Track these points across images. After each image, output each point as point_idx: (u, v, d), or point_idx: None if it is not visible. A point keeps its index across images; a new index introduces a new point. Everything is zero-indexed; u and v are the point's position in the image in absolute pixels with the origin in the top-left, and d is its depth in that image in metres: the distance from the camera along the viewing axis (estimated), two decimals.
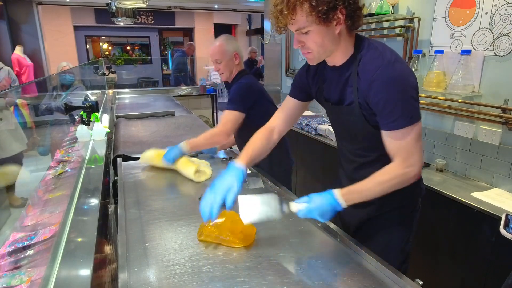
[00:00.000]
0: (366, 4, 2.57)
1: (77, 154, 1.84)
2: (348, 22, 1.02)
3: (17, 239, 1.02)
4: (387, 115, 1.01)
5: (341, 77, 1.12)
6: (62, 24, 9.38)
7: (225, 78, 1.94)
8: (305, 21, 0.99)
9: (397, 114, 0.99)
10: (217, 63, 1.86)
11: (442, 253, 1.89)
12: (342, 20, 1.00)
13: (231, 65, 1.88)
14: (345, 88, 1.11)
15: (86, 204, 1.22)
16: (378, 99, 1.00)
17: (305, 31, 1.01)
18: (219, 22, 11.03)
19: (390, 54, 1.03)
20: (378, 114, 1.03)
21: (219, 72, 1.92)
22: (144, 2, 3.49)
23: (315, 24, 0.98)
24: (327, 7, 0.95)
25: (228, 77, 1.93)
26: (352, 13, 1.01)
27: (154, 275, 0.94)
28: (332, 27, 1.01)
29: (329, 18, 0.97)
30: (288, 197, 1.45)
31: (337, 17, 0.99)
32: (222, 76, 1.93)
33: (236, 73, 1.92)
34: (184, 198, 1.47)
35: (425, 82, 2.08)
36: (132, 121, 3.07)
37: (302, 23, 0.99)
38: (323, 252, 1.07)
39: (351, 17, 1.01)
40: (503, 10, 1.77)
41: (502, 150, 1.84)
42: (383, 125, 1.04)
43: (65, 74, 3.40)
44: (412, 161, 1.03)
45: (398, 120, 0.99)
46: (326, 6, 0.95)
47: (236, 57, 1.88)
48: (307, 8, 0.96)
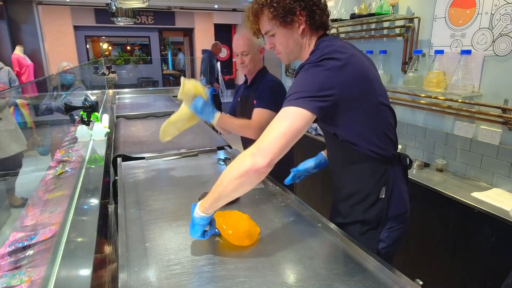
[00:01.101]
0: (366, 4, 2.57)
1: (77, 154, 1.84)
2: (309, 21, 1.08)
3: (17, 239, 1.02)
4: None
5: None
6: (62, 24, 9.37)
7: (247, 71, 1.85)
8: (269, 25, 1.09)
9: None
10: (243, 55, 1.78)
11: (442, 253, 1.89)
12: (304, 21, 1.07)
13: (256, 59, 1.82)
14: None
15: (86, 204, 1.22)
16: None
17: (271, 33, 1.11)
18: (219, 22, 11.02)
19: (321, 55, 1.00)
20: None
21: (243, 65, 1.82)
22: (144, 2, 3.48)
23: (278, 28, 1.08)
24: (283, 11, 1.04)
25: (250, 71, 1.85)
26: (312, 14, 1.07)
27: (154, 275, 0.94)
28: (295, 28, 1.08)
29: (288, 21, 1.06)
30: (287, 197, 1.45)
31: (298, 19, 1.06)
32: (244, 68, 1.83)
33: (260, 67, 1.87)
34: (184, 198, 1.47)
35: (425, 82, 2.08)
36: (132, 121, 3.07)
37: (267, 27, 1.10)
38: (323, 252, 1.07)
39: (312, 17, 1.08)
40: (503, 10, 1.77)
41: (502, 150, 1.84)
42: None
43: (66, 74, 3.40)
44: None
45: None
46: (282, 10, 1.04)
47: (261, 51, 1.83)
48: (267, 13, 1.07)
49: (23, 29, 7.03)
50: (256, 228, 1.14)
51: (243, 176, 0.93)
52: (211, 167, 1.86)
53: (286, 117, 0.96)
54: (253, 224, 1.14)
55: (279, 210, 1.35)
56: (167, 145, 2.22)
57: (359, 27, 2.77)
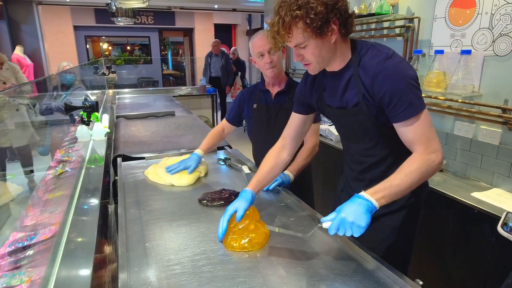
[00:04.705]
0: (366, 4, 2.57)
1: (77, 154, 1.84)
2: (342, 30, 1.06)
3: (17, 239, 1.02)
4: (396, 107, 1.02)
5: (342, 81, 1.14)
6: (62, 24, 9.37)
7: (277, 74, 1.67)
8: (302, 38, 1.03)
9: (405, 104, 1.00)
10: (271, 54, 1.59)
11: (442, 253, 1.89)
12: (337, 30, 1.05)
13: (281, 60, 1.69)
14: (347, 92, 1.14)
15: (86, 204, 1.22)
16: (383, 93, 1.02)
17: (303, 46, 1.06)
18: (219, 22, 11.02)
19: (387, 49, 1.07)
20: (386, 107, 1.04)
21: (271, 66, 1.62)
22: (144, 2, 3.48)
23: (311, 39, 1.03)
24: (320, 22, 1.00)
25: (279, 73, 1.69)
26: (344, 22, 1.05)
27: (154, 275, 0.94)
28: (327, 38, 1.05)
29: (324, 31, 1.02)
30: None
31: (331, 28, 1.03)
32: (273, 70, 1.63)
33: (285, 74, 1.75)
34: (184, 198, 1.47)
35: (425, 82, 2.08)
36: (132, 121, 3.07)
37: (299, 39, 1.04)
38: (323, 252, 1.07)
39: (344, 25, 1.06)
40: (503, 10, 1.76)
41: (502, 150, 1.84)
42: (393, 117, 1.04)
43: (66, 74, 3.40)
44: (434, 146, 1.02)
45: (408, 109, 1.01)
46: (319, 21, 0.99)
47: (283, 51, 1.68)
48: (302, 25, 1.01)
49: (23, 29, 7.02)
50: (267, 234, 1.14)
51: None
52: (211, 167, 1.86)
53: (429, 120, 1.04)
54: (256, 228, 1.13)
55: (279, 210, 1.35)
56: (167, 145, 2.22)
57: (359, 27, 2.76)
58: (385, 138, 1.14)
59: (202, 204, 1.39)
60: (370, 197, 0.97)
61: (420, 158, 1.01)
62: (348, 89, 1.13)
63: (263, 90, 1.76)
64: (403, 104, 1.00)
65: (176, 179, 1.60)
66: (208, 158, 1.98)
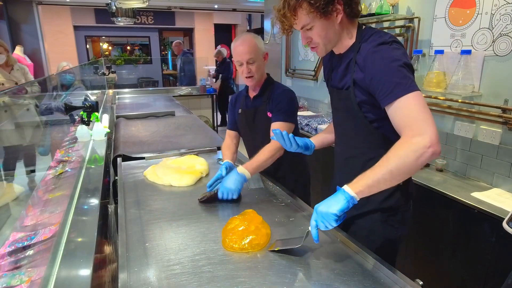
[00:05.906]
0: (366, 4, 2.57)
1: (77, 154, 1.84)
2: (347, 10, 1.09)
3: (17, 239, 1.02)
4: (382, 89, 1.00)
5: (343, 64, 1.17)
6: (62, 24, 9.37)
7: (255, 83, 1.64)
8: (308, 19, 1.07)
9: (391, 85, 0.98)
10: (249, 64, 1.56)
11: (442, 253, 1.89)
12: (341, 10, 1.07)
13: (262, 67, 1.62)
14: (345, 74, 1.16)
15: (86, 204, 1.22)
16: (371, 75, 1.03)
17: (309, 27, 1.09)
18: (219, 22, 11.02)
19: (389, 37, 1.07)
20: (374, 91, 1.03)
21: (249, 75, 1.59)
22: (144, 2, 3.48)
23: (317, 19, 1.06)
24: (324, 2, 1.03)
25: (258, 81, 1.65)
26: (349, 2, 1.08)
27: (154, 275, 0.94)
28: (333, 18, 1.08)
29: (328, 11, 1.05)
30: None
31: (336, 8, 1.06)
32: (251, 80, 1.61)
33: (265, 76, 1.69)
34: (184, 198, 1.47)
35: (425, 82, 2.08)
36: (132, 121, 3.07)
37: (305, 21, 1.08)
38: (323, 252, 1.07)
39: (349, 5, 1.08)
40: (503, 10, 1.77)
41: (502, 150, 1.84)
42: (382, 101, 1.01)
43: (65, 74, 3.40)
44: (420, 128, 0.92)
45: (394, 90, 0.97)
46: (323, 1, 1.03)
47: (265, 57, 1.63)
48: (306, 7, 1.05)
49: (23, 29, 7.02)
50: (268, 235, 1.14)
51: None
52: (211, 167, 1.86)
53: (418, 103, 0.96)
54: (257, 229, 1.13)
55: (279, 210, 1.35)
56: (167, 145, 2.22)
57: None
58: (365, 130, 1.14)
59: (202, 202, 1.40)
60: (348, 189, 0.96)
61: (400, 142, 0.95)
62: (347, 72, 1.15)
63: (245, 95, 1.77)
64: (389, 86, 0.98)
65: (176, 180, 1.61)
66: (208, 158, 1.98)
